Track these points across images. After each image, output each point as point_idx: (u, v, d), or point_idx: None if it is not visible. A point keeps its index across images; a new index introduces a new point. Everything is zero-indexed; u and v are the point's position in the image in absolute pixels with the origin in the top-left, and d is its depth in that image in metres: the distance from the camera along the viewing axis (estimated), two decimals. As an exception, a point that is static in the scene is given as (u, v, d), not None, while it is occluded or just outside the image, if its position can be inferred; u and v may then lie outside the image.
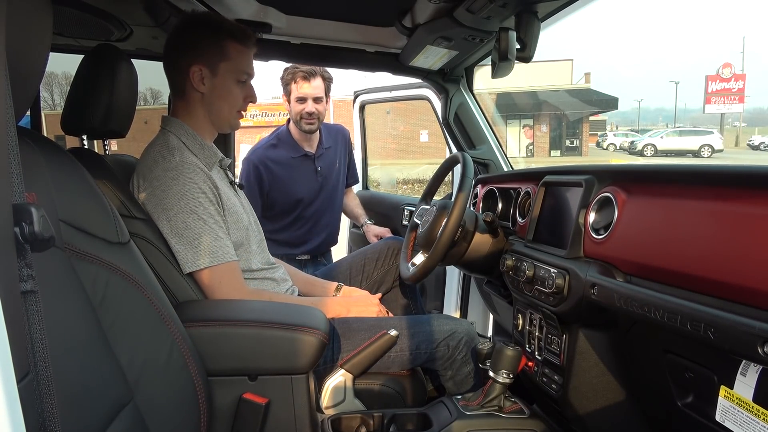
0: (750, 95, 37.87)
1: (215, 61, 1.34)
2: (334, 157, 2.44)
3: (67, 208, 0.83)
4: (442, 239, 1.39)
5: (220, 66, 1.34)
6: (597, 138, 33.85)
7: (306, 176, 2.34)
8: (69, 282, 0.79)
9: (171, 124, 1.37)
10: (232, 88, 1.37)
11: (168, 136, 1.34)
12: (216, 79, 1.35)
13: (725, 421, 0.76)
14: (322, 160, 2.38)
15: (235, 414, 1.16)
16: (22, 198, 0.52)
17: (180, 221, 1.25)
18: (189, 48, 1.34)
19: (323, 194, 2.38)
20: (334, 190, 2.44)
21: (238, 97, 1.39)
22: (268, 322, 1.19)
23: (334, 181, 2.43)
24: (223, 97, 1.37)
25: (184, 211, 1.25)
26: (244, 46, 1.37)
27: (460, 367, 1.49)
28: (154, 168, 1.27)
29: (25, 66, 0.65)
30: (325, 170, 2.39)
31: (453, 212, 1.38)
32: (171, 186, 1.25)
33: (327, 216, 2.42)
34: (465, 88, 2.02)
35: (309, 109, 2.25)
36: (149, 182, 1.26)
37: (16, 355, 0.46)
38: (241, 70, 1.37)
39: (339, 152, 2.48)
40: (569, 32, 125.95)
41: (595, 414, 1.11)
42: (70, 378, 0.72)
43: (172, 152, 1.29)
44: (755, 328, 0.64)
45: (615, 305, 0.90)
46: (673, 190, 0.91)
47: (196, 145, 1.35)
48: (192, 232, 1.25)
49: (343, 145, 2.52)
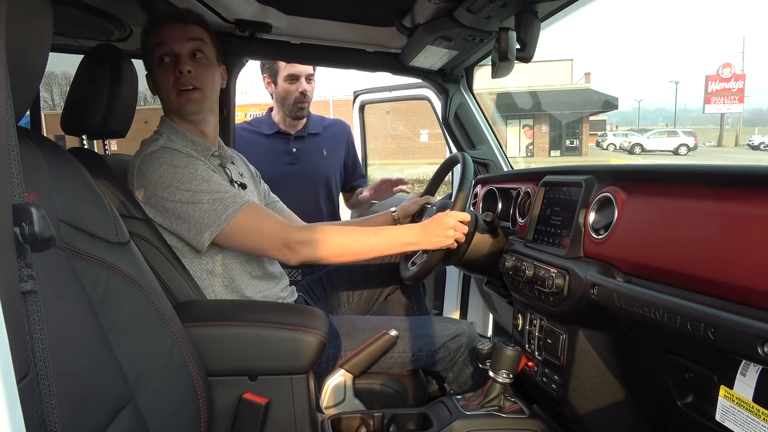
0: (750, 95, 37.88)
1: (146, 61, 1.33)
2: (320, 146, 2.22)
3: (67, 208, 0.83)
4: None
5: (146, 62, 1.33)
6: (597, 138, 33.86)
7: (275, 155, 2.13)
8: (69, 282, 0.79)
9: (162, 124, 1.36)
10: (157, 74, 1.31)
11: (156, 135, 1.34)
12: (152, 75, 1.33)
13: (725, 421, 0.76)
14: (300, 142, 2.16)
15: (235, 414, 1.16)
16: (22, 198, 0.52)
17: (186, 189, 1.21)
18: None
19: (301, 182, 2.14)
20: (318, 182, 2.20)
21: (164, 78, 1.30)
22: (268, 322, 1.19)
23: (319, 173, 2.20)
24: (157, 87, 1.33)
25: (184, 180, 1.22)
26: (156, 29, 1.30)
27: (461, 369, 1.50)
28: (140, 156, 1.26)
29: (25, 66, 0.65)
30: (303, 154, 2.16)
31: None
32: (160, 164, 1.23)
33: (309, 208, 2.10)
34: (465, 88, 2.02)
35: (302, 87, 2.06)
36: (139, 170, 1.24)
37: (16, 355, 0.46)
38: (152, 50, 1.30)
39: (333, 145, 2.26)
40: (569, 32, 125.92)
41: (595, 414, 1.11)
42: (70, 378, 0.72)
43: (157, 140, 1.30)
44: (755, 328, 0.64)
45: (615, 305, 0.90)
46: (673, 190, 0.91)
47: (187, 141, 1.34)
48: (203, 194, 1.22)
49: (342, 140, 2.31)
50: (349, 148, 2.33)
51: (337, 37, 1.76)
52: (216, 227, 1.22)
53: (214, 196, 1.22)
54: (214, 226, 1.22)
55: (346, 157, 2.32)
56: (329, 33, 1.73)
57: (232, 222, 1.22)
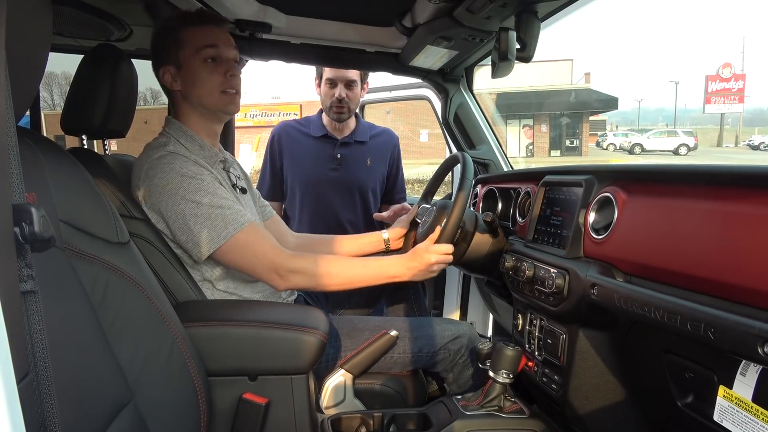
0: (750, 95, 37.93)
1: (175, 53, 1.30)
2: (365, 155, 2.19)
3: (67, 208, 0.83)
4: (441, 239, 1.39)
5: (180, 56, 1.30)
6: (597, 138, 33.89)
7: (320, 159, 2.14)
8: (69, 282, 0.79)
9: (170, 126, 1.35)
10: (199, 71, 1.30)
11: (165, 138, 1.33)
12: (182, 70, 1.31)
13: (723, 421, 0.76)
14: (346, 149, 2.16)
15: (235, 414, 1.16)
16: (22, 198, 0.52)
17: (190, 200, 1.21)
18: (155, 53, 1.34)
19: (340, 189, 2.15)
20: (357, 191, 2.17)
21: (211, 77, 1.30)
22: (268, 322, 1.19)
23: (360, 182, 2.17)
24: (195, 84, 1.31)
25: (190, 190, 1.22)
26: (199, 26, 1.30)
27: (461, 370, 1.50)
28: (148, 160, 1.25)
29: (25, 66, 0.65)
30: (346, 161, 2.15)
31: (453, 212, 1.38)
32: (168, 171, 1.22)
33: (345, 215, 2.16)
34: (465, 88, 2.02)
35: (339, 94, 2.05)
36: (146, 174, 1.24)
37: (16, 355, 0.46)
38: (199, 48, 1.29)
39: (378, 155, 2.22)
40: (569, 32, 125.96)
41: (595, 414, 1.11)
42: (70, 378, 0.72)
43: (166, 145, 1.29)
44: (755, 328, 0.64)
45: (615, 305, 0.90)
46: (673, 190, 0.91)
47: (195, 146, 1.33)
48: (206, 207, 1.22)
49: (388, 150, 2.25)
50: (394, 160, 2.28)
51: (337, 37, 1.76)
52: (214, 243, 1.23)
53: (216, 211, 1.23)
54: (213, 242, 1.23)
55: (390, 169, 2.28)
56: (329, 33, 1.73)
57: (231, 240, 1.23)
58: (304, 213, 2.17)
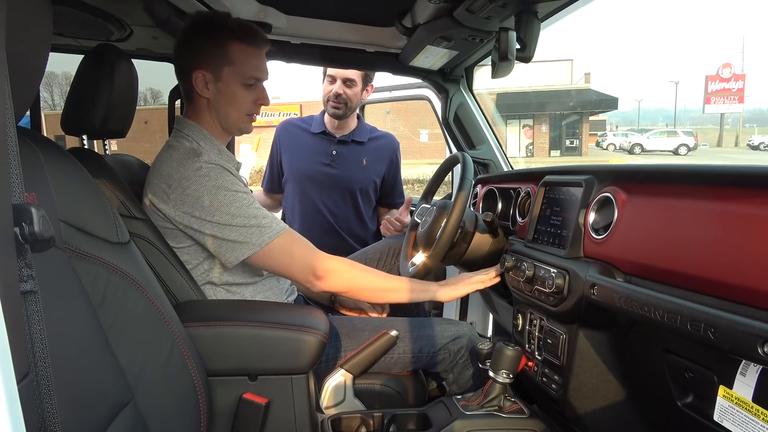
0: (750, 95, 37.94)
1: (218, 65, 1.29)
2: (360, 155, 2.22)
3: (67, 208, 0.83)
4: (441, 239, 1.39)
5: (224, 70, 1.29)
6: (597, 138, 33.89)
7: (315, 154, 2.18)
8: (69, 282, 0.79)
9: (187, 128, 1.33)
10: (237, 93, 1.31)
11: (187, 141, 1.30)
12: (220, 83, 1.30)
13: (723, 421, 0.76)
14: (342, 146, 2.19)
15: (235, 414, 1.16)
16: (22, 198, 0.52)
17: (225, 213, 1.22)
18: (191, 52, 1.30)
19: (333, 185, 2.17)
20: (349, 189, 2.19)
21: (245, 101, 1.33)
22: (268, 322, 1.19)
23: (353, 180, 2.19)
24: (228, 102, 1.32)
25: (226, 202, 1.22)
26: (250, 47, 1.30)
27: (461, 371, 1.49)
28: (181, 170, 1.23)
29: (25, 66, 0.65)
30: (341, 159, 2.18)
31: (453, 212, 1.38)
32: (204, 183, 1.21)
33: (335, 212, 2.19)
34: (465, 88, 2.02)
35: (336, 90, 2.10)
36: (180, 184, 1.22)
37: (16, 355, 0.46)
38: (247, 74, 1.31)
39: (375, 157, 2.24)
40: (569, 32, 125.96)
41: (595, 414, 1.11)
42: (70, 378, 0.72)
43: (199, 153, 1.26)
44: (755, 328, 0.64)
45: (615, 305, 0.90)
46: (673, 190, 0.91)
47: (214, 150, 1.32)
48: (241, 218, 1.23)
49: (387, 154, 2.28)
50: (392, 164, 2.30)
51: (337, 37, 1.76)
52: (249, 251, 1.24)
53: (251, 221, 1.24)
54: (247, 250, 1.24)
55: (387, 172, 2.29)
56: (329, 33, 1.73)
57: (266, 248, 1.25)
58: (296, 206, 2.22)
